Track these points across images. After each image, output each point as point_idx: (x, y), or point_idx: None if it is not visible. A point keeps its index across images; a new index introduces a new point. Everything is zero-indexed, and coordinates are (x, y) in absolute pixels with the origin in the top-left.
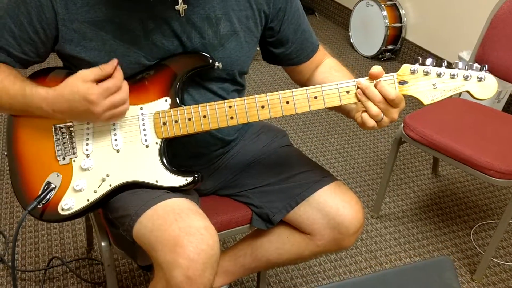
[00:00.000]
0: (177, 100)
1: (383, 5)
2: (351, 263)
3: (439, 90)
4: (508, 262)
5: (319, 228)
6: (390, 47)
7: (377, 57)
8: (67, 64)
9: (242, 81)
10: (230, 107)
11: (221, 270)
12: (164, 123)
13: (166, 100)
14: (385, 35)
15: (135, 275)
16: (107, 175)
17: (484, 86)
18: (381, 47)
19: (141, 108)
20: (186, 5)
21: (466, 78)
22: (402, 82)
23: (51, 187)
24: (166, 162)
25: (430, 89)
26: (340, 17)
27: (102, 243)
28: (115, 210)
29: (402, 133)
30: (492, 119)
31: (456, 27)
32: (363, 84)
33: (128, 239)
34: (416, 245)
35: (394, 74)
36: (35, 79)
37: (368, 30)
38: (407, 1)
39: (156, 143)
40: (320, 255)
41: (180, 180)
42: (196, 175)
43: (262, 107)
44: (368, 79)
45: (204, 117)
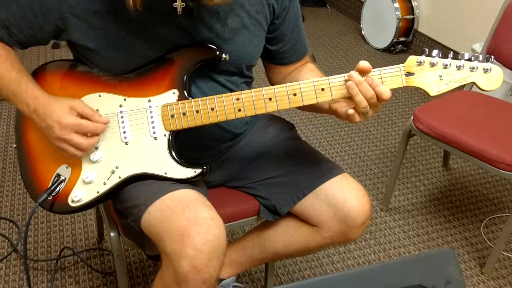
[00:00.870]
0: (185, 92)
1: None
2: (360, 256)
3: (445, 82)
4: None
5: (326, 220)
6: (402, 39)
7: (389, 50)
8: (77, 54)
9: (250, 73)
10: (237, 99)
11: (229, 261)
12: (172, 116)
13: (174, 93)
14: (397, 27)
15: (145, 266)
16: (116, 167)
17: (491, 77)
18: (392, 39)
19: (149, 101)
20: (184, 3)
21: (472, 69)
22: (409, 74)
23: (61, 179)
24: (174, 154)
25: (436, 80)
26: (352, 9)
27: (112, 234)
28: (124, 201)
29: (412, 126)
30: (503, 111)
31: (469, 19)
32: (357, 79)
33: (136, 230)
34: (426, 238)
35: (401, 65)
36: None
37: (379, 22)
38: None
39: (165, 135)
40: (327, 247)
41: (189, 172)
42: (204, 167)
43: (270, 99)
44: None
45: (212, 109)
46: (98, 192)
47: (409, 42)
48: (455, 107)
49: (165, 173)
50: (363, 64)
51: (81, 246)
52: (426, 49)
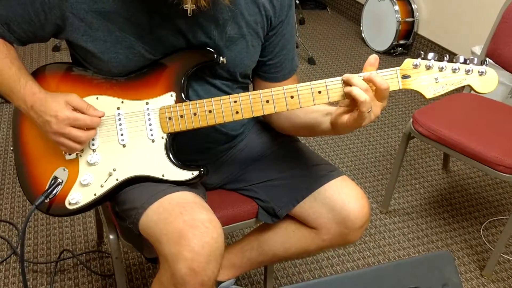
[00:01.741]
0: (183, 95)
1: (394, 0)
2: (359, 258)
3: (441, 84)
4: None
5: (325, 222)
6: (402, 42)
7: (389, 52)
8: (75, 54)
9: (246, 80)
10: (235, 101)
11: (228, 263)
12: (169, 118)
13: (171, 95)
14: (397, 30)
15: (144, 268)
16: (114, 170)
17: (486, 80)
18: (393, 42)
19: (146, 103)
20: (194, 5)
21: (467, 72)
22: (405, 76)
23: (58, 181)
24: (172, 156)
25: (432, 83)
26: (352, 11)
27: (110, 236)
28: (122, 203)
29: (411, 128)
30: (502, 114)
31: (469, 22)
32: (350, 75)
33: (134, 232)
34: (425, 241)
35: (397, 68)
36: (36, 75)
37: (380, 25)
38: None
39: (162, 137)
40: (326, 249)
41: (186, 174)
42: (202, 169)
43: (267, 101)
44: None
45: (210, 112)
46: (95, 194)
47: (409, 44)
48: (455, 109)
49: (163, 176)
50: (371, 57)
51: (80, 249)
52: (422, 52)
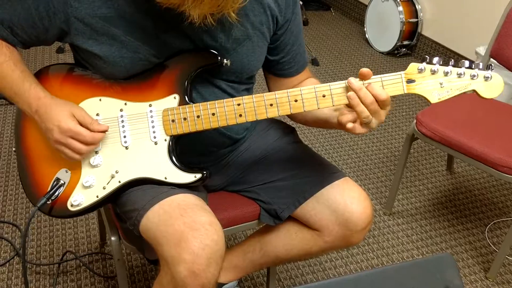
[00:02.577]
0: (186, 97)
1: (398, 0)
2: (363, 260)
3: (446, 89)
4: None
5: (328, 224)
6: (406, 42)
7: (393, 53)
8: (79, 57)
9: (251, 80)
10: (238, 104)
11: (230, 265)
12: (173, 120)
13: (175, 97)
14: (400, 31)
15: (147, 270)
16: (116, 172)
17: (491, 85)
18: (396, 43)
19: (150, 105)
20: (201, 19)
21: (472, 77)
22: (410, 81)
23: (60, 183)
24: (175, 159)
25: (437, 87)
26: (356, 12)
27: (112, 238)
28: (123, 205)
29: (415, 130)
30: (506, 115)
31: (473, 22)
32: (356, 86)
33: (135, 234)
34: (429, 242)
35: (402, 72)
36: (39, 76)
37: (383, 26)
38: None
39: (165, 140)
40: (329, 251)
41: (189, 177)
42: (204, 172)
43: (271, 105)
44: (358, 79)
45: (213, 114)
46: (97, 196)
47: (413, 45)
48: (458, 110)
49: (165, 178)
50: (364, 70)
51: (83, 250)
52: (427, 56)
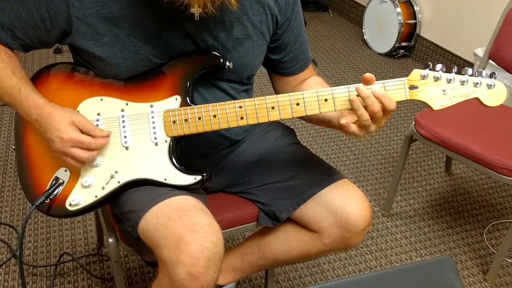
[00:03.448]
0: (188, 99)
1: (397, 2)
2: (361, 262)
3: (448, 96)
4: None
5: (326, 226)
6: (404, 44)
7: (391, 54)
8: (79, 59)
9: (250, 81)
10: (240, 107)
11: (229, 267)
12: (174, 122)
13: (176, 99)
14: (399, 32)
15: (145, 272)
16: (116, 172)
17: (494, 93)
18: (395, 44)
19: (151, 106)
20: (201, 8)
21: (476, 85)
22: (413, 87)
23: (59, 182)
24: (175, 160)
25: (440, 94)
26: (354, 14)
27: (110, 240)
28: (121, 206)
29: (413, 131)
30: (505, 116)
31: (472, 24)
32: (365, 94)
33: (133, 235)
34: (428, 244)
35: (405, 78)
36: (40, 76)
37: (381, 27)
38: None
39: (166, 141)
40: (328, 253)
41: (189, 179)
42: (204, 174)
43: (273, 108)
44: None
45: (214, 116)
46: (96, 196)
47: (411, 47)
48: (457, 112)
49: (165, 179)
50: (367, 75)
51: (80, 252)
52: (430, 63)
